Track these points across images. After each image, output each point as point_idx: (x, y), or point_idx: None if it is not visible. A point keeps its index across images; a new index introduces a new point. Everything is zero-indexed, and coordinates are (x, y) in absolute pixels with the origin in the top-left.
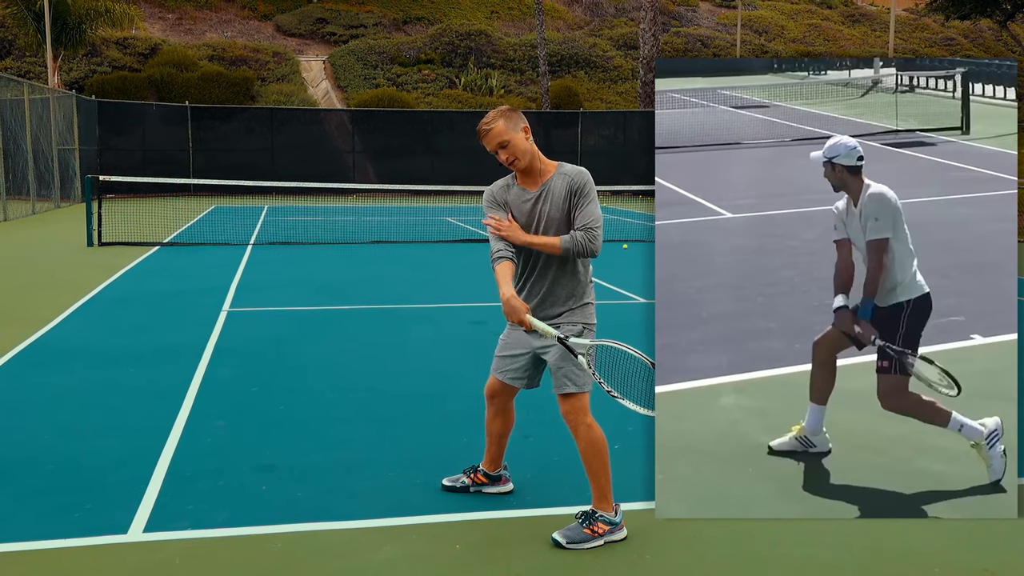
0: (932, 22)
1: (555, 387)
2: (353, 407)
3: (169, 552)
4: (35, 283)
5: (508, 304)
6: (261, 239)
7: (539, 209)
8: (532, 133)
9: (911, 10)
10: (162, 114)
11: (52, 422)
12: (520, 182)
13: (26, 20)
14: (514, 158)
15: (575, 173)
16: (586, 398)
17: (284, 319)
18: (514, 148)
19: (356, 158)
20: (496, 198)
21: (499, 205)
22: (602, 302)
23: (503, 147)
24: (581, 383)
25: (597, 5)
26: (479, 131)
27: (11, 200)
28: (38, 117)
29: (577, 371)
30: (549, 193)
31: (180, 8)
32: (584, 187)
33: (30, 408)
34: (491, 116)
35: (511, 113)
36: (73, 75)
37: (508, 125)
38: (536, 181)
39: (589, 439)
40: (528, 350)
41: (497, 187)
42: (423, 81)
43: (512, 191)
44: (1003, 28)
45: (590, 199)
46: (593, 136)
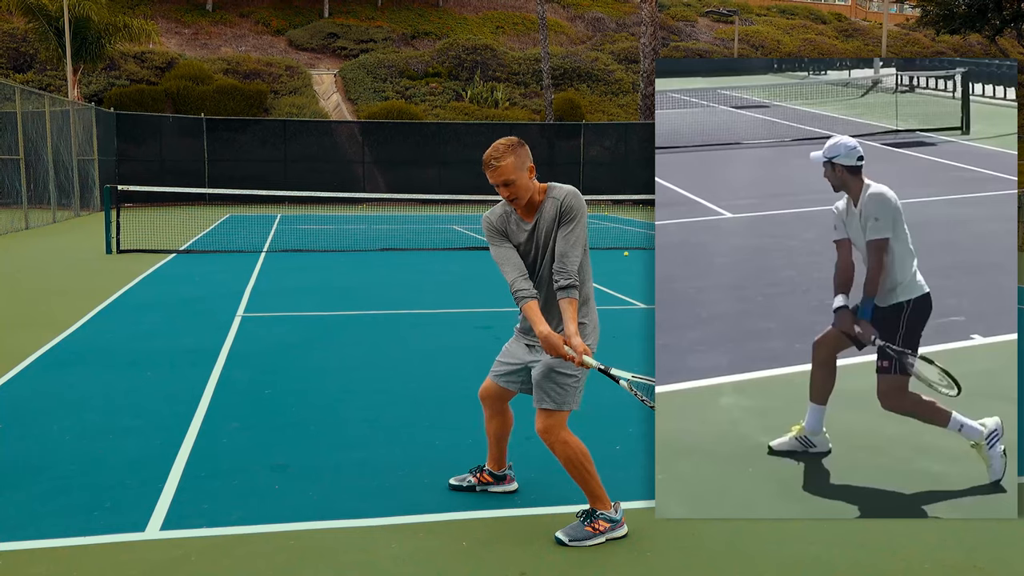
0: (923, 36)
1: (535, 400)
2: (363, 409)
3: (186, 549)
4: (56, 289)
5: (547, 341)
6: (274, 247)
7: (535, 237)
8: (536, 145)
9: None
10: (178, 126)
11: (73, 423)
12: (518, 211)
13: (48, 35)
14: (515, 197)
15: (562, 195)
16: (563, 417)
17: (297, 324)
18: (516, 188)
19: (366, 168)
20: (496, 227)
21: (499, 233)
22: (603, 308)
23: (507, 185)
24: (560, 401)
25: (599, 20)
26: (486, 162)
27: (33, 209)
28: (59, 129)
29: (560, 389)
30: (542, 220)
31: (196, 23)
32: (570, 210)
33: (51, 410)
34: (501, 151)
35: (520, 150)
36: (93, 88)
37: (516, 164)
38: (532, 212)
39: (566, 456)
40: (522, 363)
41: (496, 216)
42: (431, 94)
43: (511, 220)
44: (991, 42)
45: (574, 221)
46: (595, 147)
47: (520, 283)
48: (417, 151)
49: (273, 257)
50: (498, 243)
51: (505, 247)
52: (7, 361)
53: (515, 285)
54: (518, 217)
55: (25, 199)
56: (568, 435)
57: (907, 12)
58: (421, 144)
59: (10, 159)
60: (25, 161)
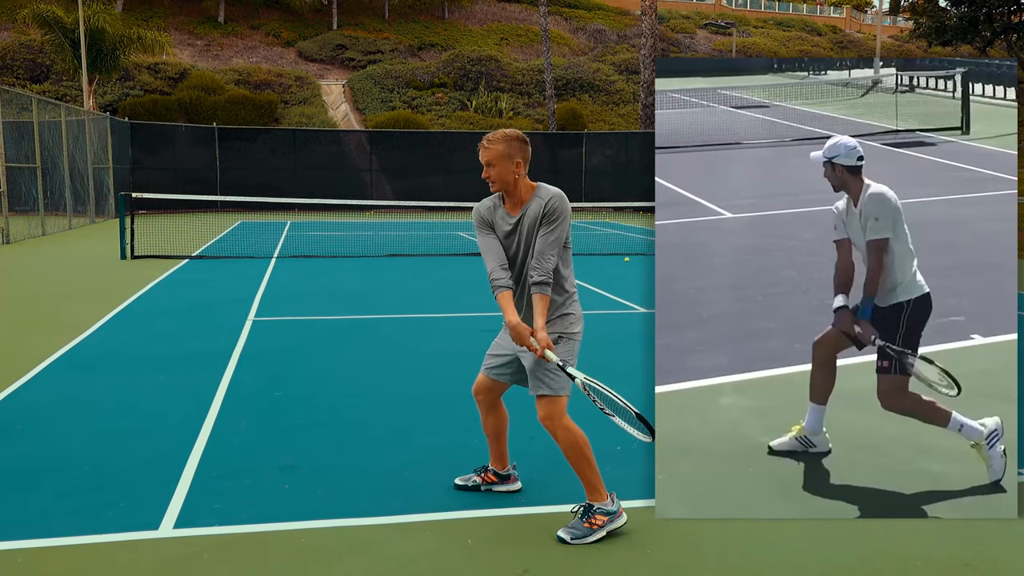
0: (916, 48)
1: (531, 389)
2: (371, 410)
3: (198, 547)
4: (71, 294)
5: (515, 330)
6: (284, 252)
7: (519, 232)
8: (539, 153)
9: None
10: (191, 135)
11: (88, 425)
12: (505, 205)
13: (64, 47)
14: (492, 180)
15: (547, 196)
16: (563, 402)
17: (306, 328)
18: (497, 173)
19: (374, 176)
20: (484, 217)
21: (486, 224)
22: (603, 312)
23: (490, 165)
24: (556, 387)
25: (600, 32)
26: (481, 141)
27: (49, 216)
28: (74, 138)
29: (552, 375)
30: (526, 217)
31: (208, 35)
32: (553, 211)
33: (67, 412)
34: (497, 137)
35: (514, 144)
36: (107, 98)
37: (504, 152)
38: (518, 206)
39: (568, 441)
40: (511, 353)
41: (484, 207)
42: (437, 104)
43: (497, 213)
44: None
45: (555, 223)
46: (596, 156)
47: (497, 272)
48: (423, 159)
49: (283, 263)
50: (484, 233)
51: (490, 237)
52: (24, 364)
53: (493, 274)
54: (504, 211)
55: (42, 206)
56: (570, 422)
57: (900, 24)
58: (427, 153)
59: (27, 167)
60: (42, 169)
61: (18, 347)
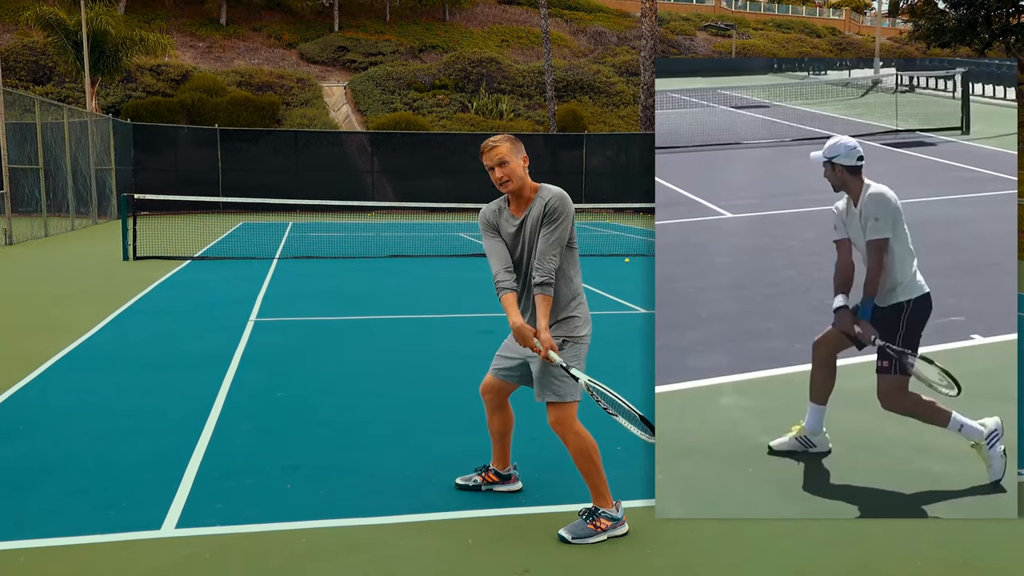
0: (914, 50)
1: (537, 395)
2: (372, 411)
3: (200, 547)
4: (74, 294)
5: (519, 332)
6: (286, 253)
7: (523, 233)
8: (540, 154)
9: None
10: (193, 136)
11: (90, 425)
12: (510, 207)
13: (66, 48)
14: (507, 179)
15: (549, 195)
16: (573, 408)
17: (308, 328)
18: (510, 170)
19: (375, 178)
20: (489, 220)
21: (492, 227)
22: (604, 312)
23: (501, 165)
24: (563, 393)
25: (600, 34)
26: (484, 146)
27: (52, 217)
28: (77, 139)
29: (559, 382)
30: (530, 217)
31: (210, 37)
32: (555, 211)
33: (69, 412)
34: (500, 137)
35: (517, 143)
36: (110, 100)
37: (512, 149)
38: (522, 208)
39: (577, 447)
40: (520, 357)
41: (490, 210)
42: (438, 105)
43: (503, 215)
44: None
45: (556, 222)
46: (597, 157)
47: (502, 275)
48: (424, 161)
49: (285, 263)
50: (490, 236)
51: (495, 240)
52: (27, 365)
53: (497, 276)
54: (509, 213)
55: (44, 207)
56: (580, 427)
57: (899, 26)
58: (428, 154)
59: (30, 169)
60: (44, 171)
61: (21, 348)
